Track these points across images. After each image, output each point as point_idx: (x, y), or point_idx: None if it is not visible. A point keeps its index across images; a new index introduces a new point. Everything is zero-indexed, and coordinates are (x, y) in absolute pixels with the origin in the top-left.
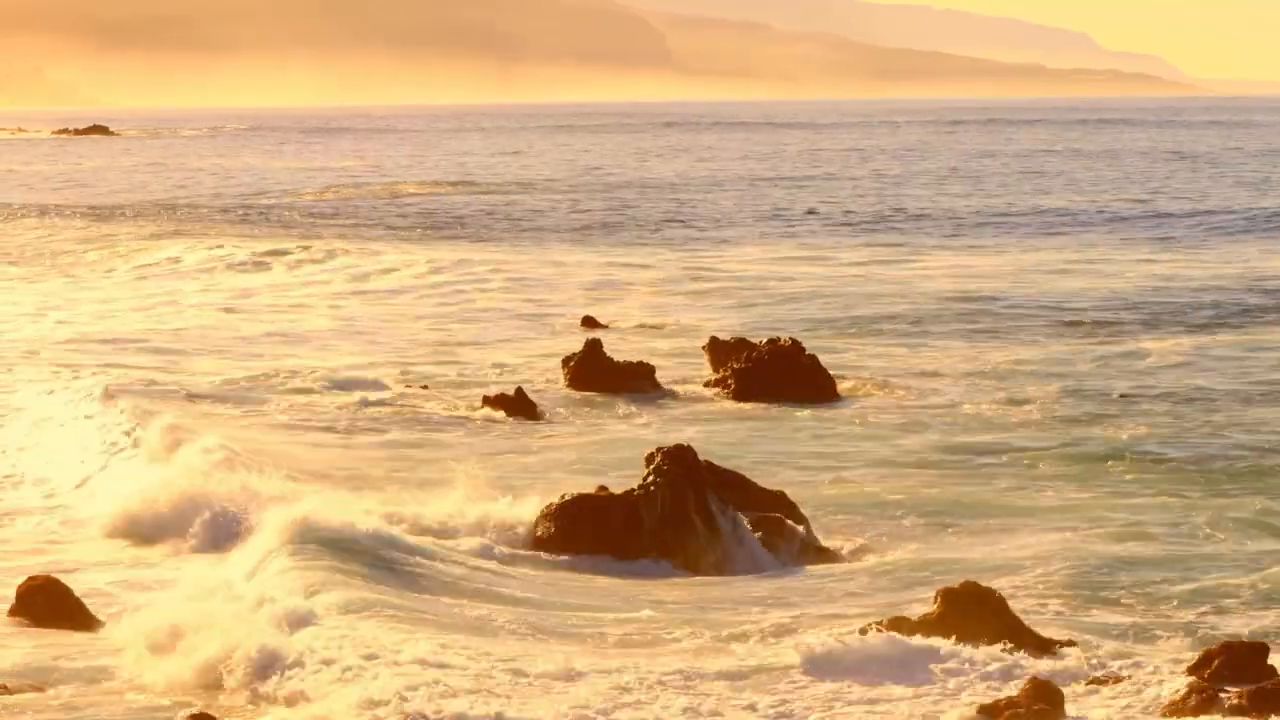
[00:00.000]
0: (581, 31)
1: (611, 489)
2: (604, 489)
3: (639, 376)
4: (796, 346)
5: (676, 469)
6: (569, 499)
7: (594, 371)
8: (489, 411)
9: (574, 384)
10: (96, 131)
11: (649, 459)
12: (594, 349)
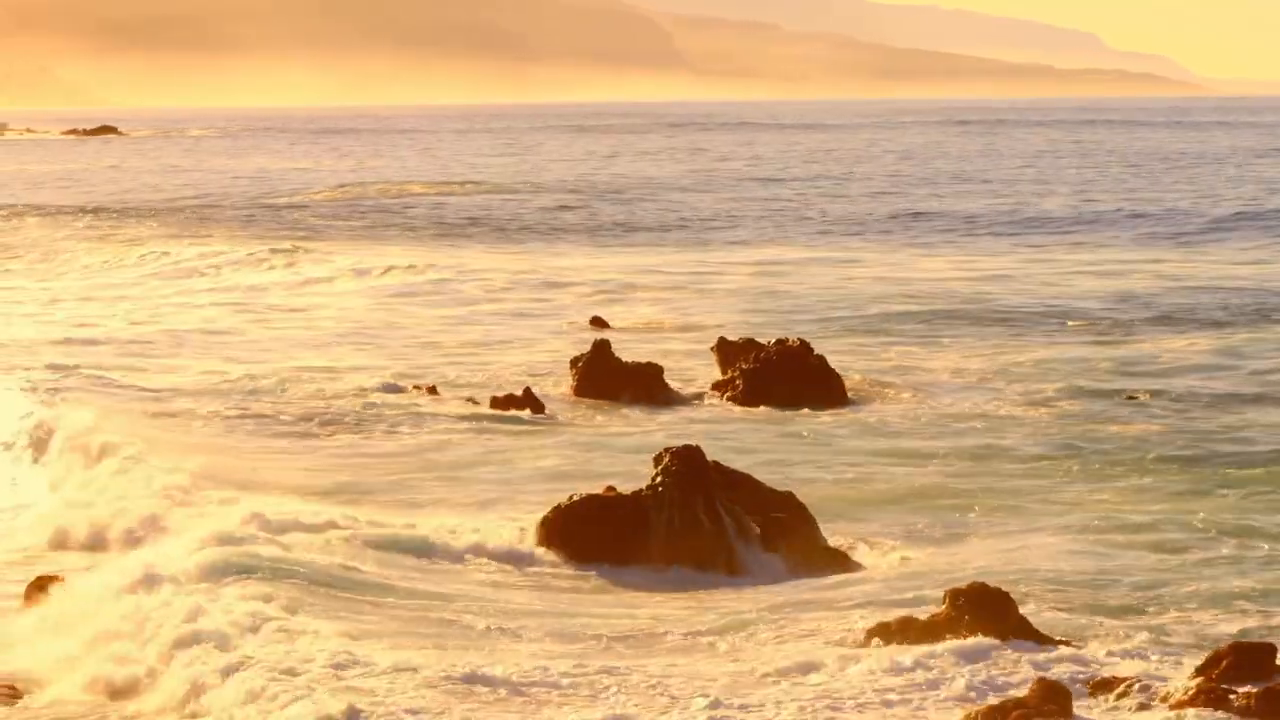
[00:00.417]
0: (588, 31)
1: (619, 489)
2: (612, 489)
3: (647, 377)
4: (805, 347)
5: (685, 469)
6: (577, 499)
7: (602, 372)
8: (497, 412)
9: (582, 385)
10: (106, 132)
11: (657, 459)
12: (602, 350)
